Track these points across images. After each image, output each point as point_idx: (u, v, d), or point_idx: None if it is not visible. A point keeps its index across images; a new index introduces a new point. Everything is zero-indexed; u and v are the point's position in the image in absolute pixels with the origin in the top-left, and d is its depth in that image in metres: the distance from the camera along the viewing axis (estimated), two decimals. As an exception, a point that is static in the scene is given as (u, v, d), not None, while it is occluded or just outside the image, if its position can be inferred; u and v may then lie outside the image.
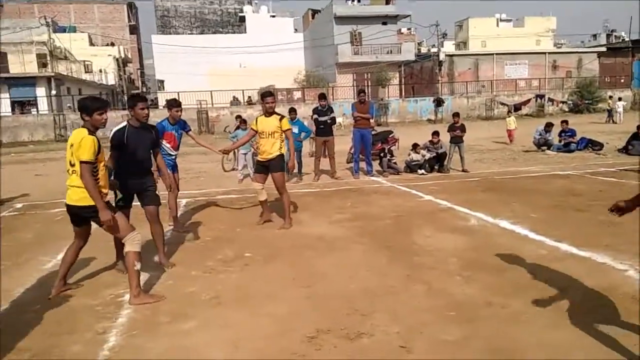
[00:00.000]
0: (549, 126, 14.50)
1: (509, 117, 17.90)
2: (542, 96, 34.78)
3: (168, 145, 6.46)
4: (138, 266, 4.19)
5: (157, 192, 5.10)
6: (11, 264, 5.44)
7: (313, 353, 3.23)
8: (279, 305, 4.03)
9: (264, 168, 6.64)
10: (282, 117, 6.60)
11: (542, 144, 14.44)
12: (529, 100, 33.89)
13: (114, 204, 4.55)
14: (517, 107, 31.89)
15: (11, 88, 30.42)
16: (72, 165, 4.07)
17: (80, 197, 4.07)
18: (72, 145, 4.05)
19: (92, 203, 4.03)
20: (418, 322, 3.62)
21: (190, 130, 6.78)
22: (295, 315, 3.81)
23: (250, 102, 31.38)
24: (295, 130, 10.34)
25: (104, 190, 4.21)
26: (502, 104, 32.67)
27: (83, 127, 4.10)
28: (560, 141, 14.26)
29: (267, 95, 6.56)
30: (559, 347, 3.18)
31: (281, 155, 6.56)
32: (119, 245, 4.76)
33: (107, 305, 4.17)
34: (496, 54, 41.99)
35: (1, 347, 3.44)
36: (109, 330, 3.69)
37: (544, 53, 43.68)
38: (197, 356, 3.27)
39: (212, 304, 4.12)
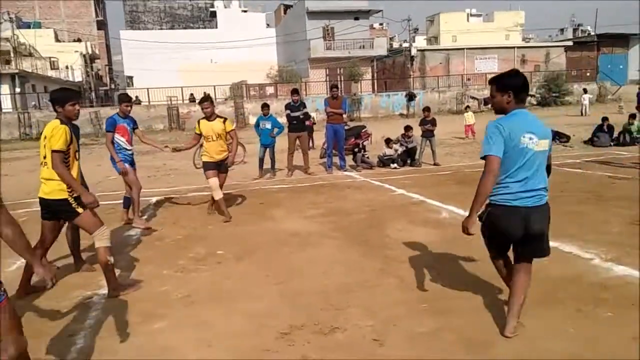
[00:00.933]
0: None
1: (467, 112, 18.05)
2: (511, 90, 35.32)
3: (123, 139, 6.50)
4: (111, 259, 4.20)
5: None
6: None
7: (286, 349, 3.23)
8: (253, 302, 4.01)
9: (216, 166, 6.86)
10: (225, 119, 6.93)
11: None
12: (499, 94, 34.43)
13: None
14: (487, 101, 32.39)
15: (-28, 86, 29.38)
16: (45, 157, 4.04)
17: (52, 189, 4.06)
18: (45, 137, 4.03)
19: (63, 196, 4.03)
20: (391, 315, 3.65)
21: (137, 128, 6.81)
22: (268, 312, 3.80)
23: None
24: (268, 125, 10.29)
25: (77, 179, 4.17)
26: (473, 97, 33.13)
27: (56, 118, 4.09)
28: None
29: (203, 100, 6.81)
30: (529, 337, 3.25)
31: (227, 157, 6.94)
32: (75, 249, 4.97)
33: (75, 307, 4.08)
34: (467, 48, 42.59)
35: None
36: (78, 332, 3.61)
37: (513, 47, 44.46)
38: (171, 356, 3.23)
39: (185, 302, 4.07)
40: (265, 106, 10.64)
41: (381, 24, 55.45)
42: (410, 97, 31.96)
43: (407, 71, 39.16)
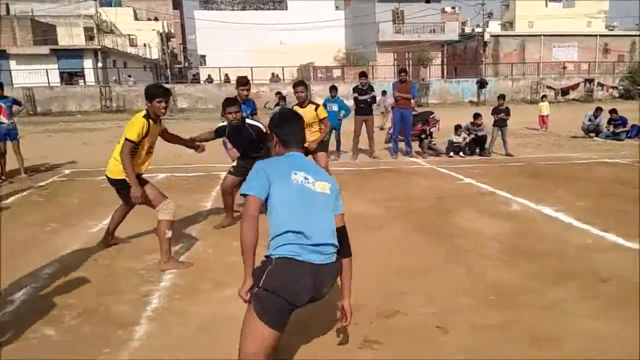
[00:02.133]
0: (598, 111, 13.94)
1: (543, 101, 17.12)
2: (591, 80, 33.33)
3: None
4: (169, 234, 4.34)
5: None
6: (60, 226, 5.70)
7: (349, 327, 3.25)
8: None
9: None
10: (318, 105, 6.57)
11: (592, 130, 13.90)
12: (577, 85, 32.54)
13: None
14: (564, 91, 30.73)
15: (60, 59, 31.32)
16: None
17: (110, 168, 4.34)
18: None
19: (121, 177, 4.24)
20: (456, 304, 3.59)
21: (256, 113, 6.52)
22: (331, 291, 3.84)
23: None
24: (335, 108, 10.28)
25: (141, 169, 4.38)
26: (549, 87, 31.51)
27: (145, 111, 4.27)
28: (608, 128, 13.69)
29: (297, 85, 6.48)
30: (600, 338, 3.10)
31: (324, 140, 6.56)
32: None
33: (150, 269, 4.32)
34: (544, 35, 40.32)
35: (53, 303, 3.62)
36: (152, 293, 3.83)
37: (595, 35, 41.63)
38: (237, 323, 3.35)
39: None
40: (333, 88, 10.63)
41: (453, 8, 53.64)
42: (482, 84, 30.85)
43: (479, 57, 37.72)
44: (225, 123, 5.44)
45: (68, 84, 30.28)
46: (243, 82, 6.35)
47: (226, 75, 29.50)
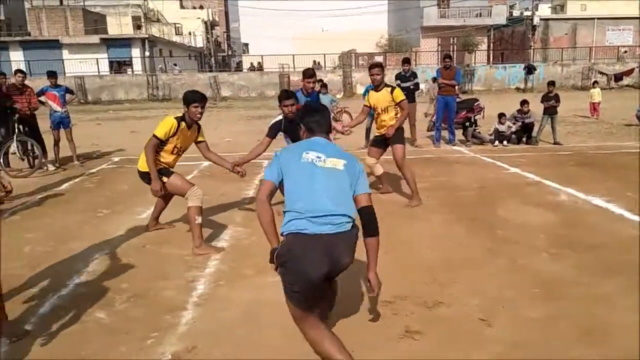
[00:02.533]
0: (654, 98, 13.23)
1: (594, 88, 16.27)
2: (647, 65, 31.60)
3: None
4: (199, 220, 4.47)
5: None
6: (110, 212, 5.94)
7: (390, 318, 3.27)
8: (359, 267, 4.08)
9: (381, 142, 6.25)
10: (393, 88, 6.04)
11: (647, 118, 13.21)
12: (632, 70, 30.81)
13: None
14: (617, 77, 29.24)
15: (109, 49, 32.35)
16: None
17: (140, 162, 4.55)
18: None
19: (147, 170, 4.43)
20: (500, 296, 3.54)
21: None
22: (373, 280, 3.85)
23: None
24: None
25: (164, 164, 4.54)
26: (601, 73, 30.08)
27: (183, 114, 4.47)
28: (666, 116, 12.96)
29: (373, 66, 5.98)
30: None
31: (401, 128, 6.08)
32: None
33: (196, 255, 4.44)
34: (597, 18, 38.43)
35: (104, 287, 3.80)
36: (198, 279, 3.95)
37: (653, 18, 39.36)
38: (280, 308, 3.41)
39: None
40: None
41: (502, -9, 51.87)
42: (530, 69, 29.76)
43: (527, 42, 36.44)
44: (280, 117, 5.41)
45: (117, 72, 31.25)
46: (309, 74, 5.87)
47: (259, 63, 29.48)
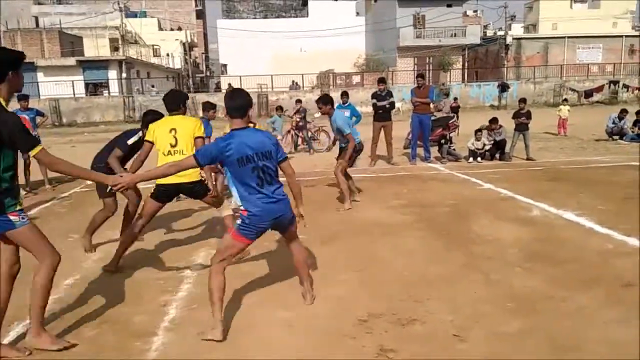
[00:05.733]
0: (623, 113, 13.62)
1: (564, 104, 16.49)
2: (616, 82, 32.55)
3: None
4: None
5: None
6: (81, 237, 5.79)
7: (364, 336, 3.25)
8: (333, 287, 4.06)
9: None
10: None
11: (617, 132, 13.59)
12: (601, 87, 31.78)
13: None
14: (588, 94, 30.08)
15: (85, 70, 32.03)
16: (173, 146, 4.46)
17: (190, 172, 4.25)
18: (173, 130, 4.46)
19: (198, 178, 4.51)
20: (474, 311, 3.55)
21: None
22: (348, 298, 3.84)
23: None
24: (347, 114, 10.21)
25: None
26: (572, 90, 30.92)
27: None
28: (634, 130, 13.36)
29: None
30: (624, 344, 3.03)
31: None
32: (127, 221, 5.29)
33: (169, 279, 4.37)
34: (568, 37, 39.64)
35: (74, 314, 3.70)
36: (170, 303, 3.88)
37: (621, 36, 40.74)
38: (254, 332, 3.37)
39: (269, 283, 4.22)
40: (344, 94, 10.58)
41: (475, 11, 53.17)
42: (503, 87, 30.41)
43: (500, 60, 37.30)
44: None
45: (92, 94, 30.94)
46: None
47: (229, 84, 29.31)
